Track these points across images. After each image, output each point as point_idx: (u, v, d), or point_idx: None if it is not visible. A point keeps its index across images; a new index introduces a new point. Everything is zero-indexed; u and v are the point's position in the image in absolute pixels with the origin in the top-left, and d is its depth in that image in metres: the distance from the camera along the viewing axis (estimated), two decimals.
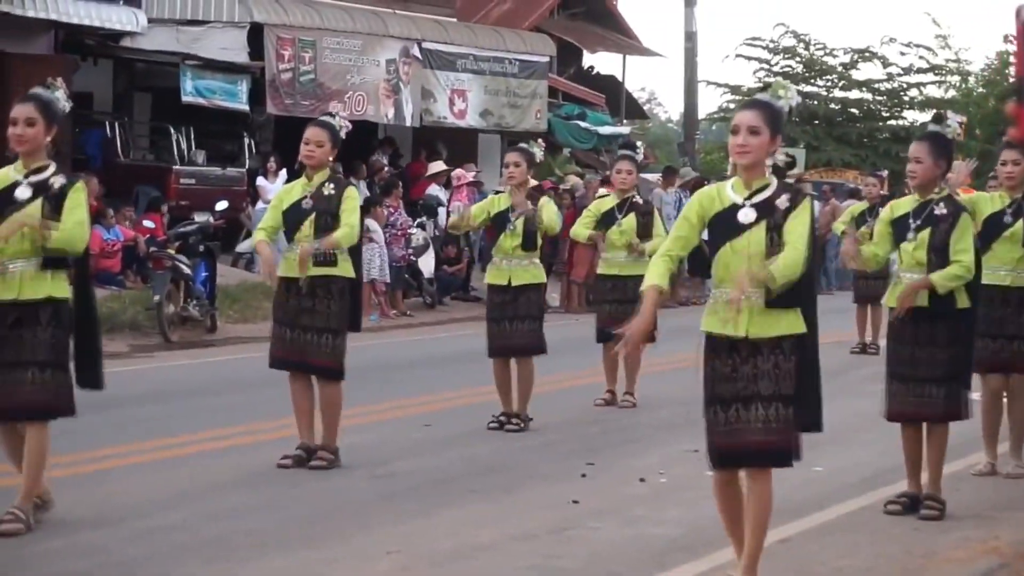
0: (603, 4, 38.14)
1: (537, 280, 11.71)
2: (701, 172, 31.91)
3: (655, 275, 6.66)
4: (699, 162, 36.98)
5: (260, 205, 23.31)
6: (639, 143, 16.93)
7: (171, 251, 18.45)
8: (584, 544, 7.97)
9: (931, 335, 8.48)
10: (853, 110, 42.64)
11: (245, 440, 11.01)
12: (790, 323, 6.61)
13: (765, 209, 6.60)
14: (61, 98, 8.41)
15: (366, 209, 23.55)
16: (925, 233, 8.48)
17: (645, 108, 44.26)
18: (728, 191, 6.71)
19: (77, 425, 8.34)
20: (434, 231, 23.83)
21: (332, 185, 9.86)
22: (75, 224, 7.91)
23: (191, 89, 23.84)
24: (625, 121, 37.43)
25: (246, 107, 24.72)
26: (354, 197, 9.89)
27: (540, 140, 12.60)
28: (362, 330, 10.61)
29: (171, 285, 17.99)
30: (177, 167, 24.04)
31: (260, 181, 24.32)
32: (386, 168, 26.58)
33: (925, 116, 41.93)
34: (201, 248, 18.90)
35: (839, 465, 10.11)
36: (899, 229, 8.59)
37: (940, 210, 8.51)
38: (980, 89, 42.33)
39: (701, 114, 40.89)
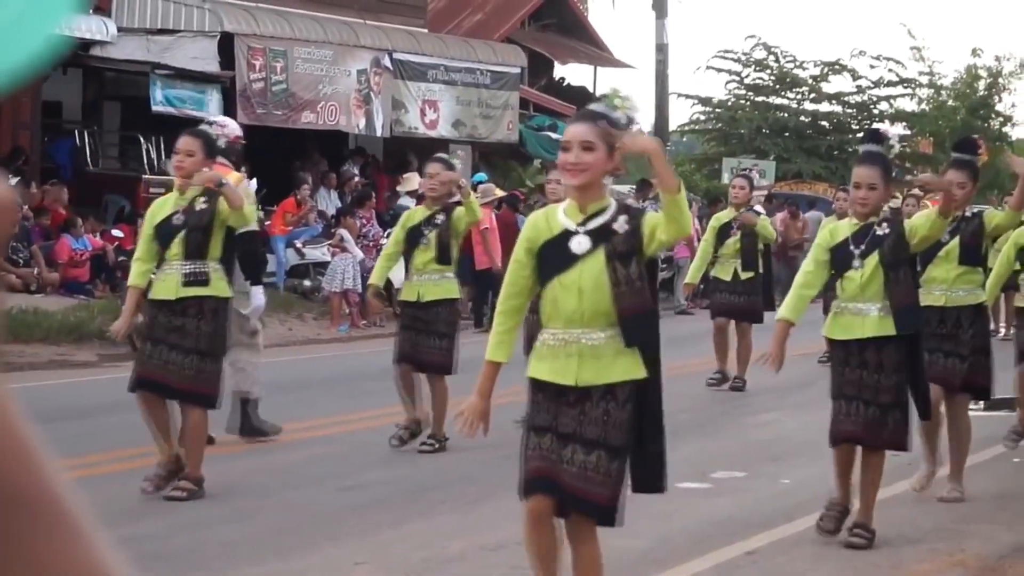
0: (574, 16, 38.24)
1: (449, 295, 11.17)
2: None
3: (494, 343, 5.93)
4: None
5: None
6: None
7: None
8: None
9: (879, 362, 8.12)
10: (823, 123, 42.77)
11: (215, 450, 10.98)
12: (627, 368, 5.85)
13: (602, 235, 5.85)
14: None
15: (338, 220, 23.64)
16: (873, 258, 8.11)
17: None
18: (559, 216, 5.93)
19: (41, 435, 8.30)
20: None
21: (205, 199, 9.26)
22: None
23: (161, 98, 23.79)
24: None
25: (216, 117, 24.67)
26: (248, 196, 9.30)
27: (460, 152, 12.50)
28: (323, 342, 10.52)
29: None
30: (147, 176, 23.96)
31: None
32: (356, 179, 26.58)
33: (895, 129, 42.12)
34: None
35: (806, 477, 10.15)
36: (840, 257, 8.20)
37: (882, 231, 8.18)
38: (951, 102, 42.52)
39: (672, 126, 40.99)
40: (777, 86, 42.10)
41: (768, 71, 42.16)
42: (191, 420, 9.24)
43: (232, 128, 11.74)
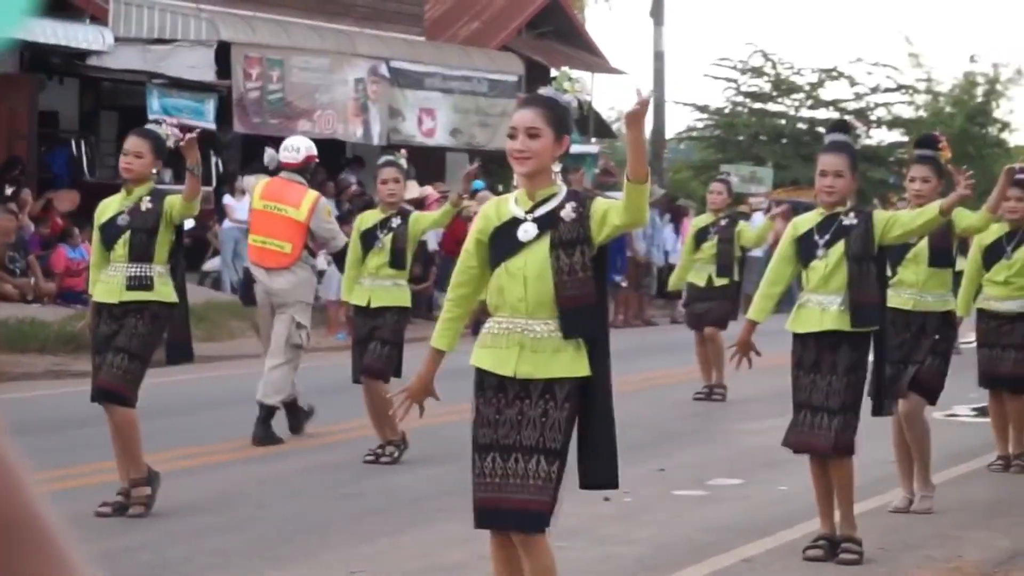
0: (571, 23, 38.22)
1: (399, 303, 10.84)
2: (669, 191, 31.99)
3: (439, 330, 5.92)
4: (667, 181, 37.06)
5: (227, 223, 23.28)
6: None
7: None
8: None
9: (833, 362, 7.86)
10: (820, 129, 42.78)
11: (211, 459, 10.97)
12: (569, 364, 5.68)
13: (548, 222, 5.73)
14: None
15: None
16: (839, 246, 7.87)
17: (613, 127, 44.30)
18: (510, 204, 5.83)
19: (37, 444, 8.32)
20: None
21: (150, 199, 8.96)
22: None
23: (158, 107, 23.77)
24: (593, 140, 37.47)
25: (213, 126, 24.67)
26: (173, 197, 8.98)
27: (403, 150, 11.78)
28: (320, 350, 10.49)
29: None
30: None
31: (227, 200, 24.28)
32: (354, 187, 26.57)
33: (892, 135, 42.17)
34: None
35: (803, 484, 10.09)
36: (805, 247, 7.98)
37: (849, 220, 7.94)
38: (948, 108, 42.54)
39: (669, 133, 41.00)
40: (774, 93, 42.12)
41: (765, 78, 42.18)
42: (116, 419, 8.84)
43: (306, 147, 12.07)
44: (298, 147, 12.11)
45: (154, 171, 9.04)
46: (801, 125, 42.14)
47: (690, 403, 14.56)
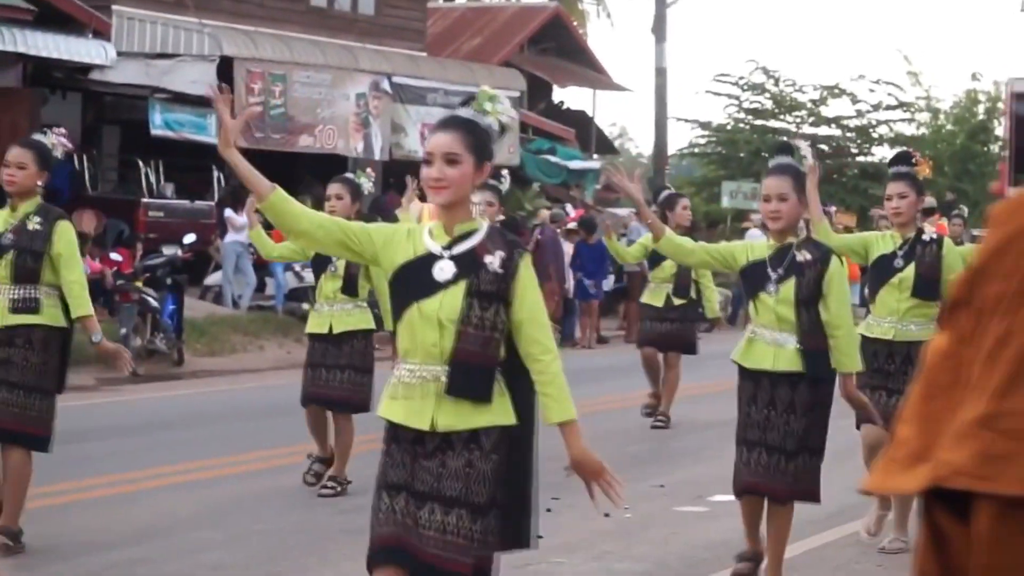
0: (573, 40, 38.27)
1: (362, 326, 10.24)
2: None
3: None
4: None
5: (229, 237, 23.28)
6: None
7: (138, 284, 18.42)
8: None
9: (791, 401, 7.32)
10: (822, 146, 42.82)
11: (210, 474, 10.96)
12: (495, 412, 5.11)
13: (467, 264, 5.09)
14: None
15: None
16: (789, 285, 7.31)
17: (615, 143, 44.38)
18: (425, 237, 5.18)
19: (37, 458, 8.27)
20: None
21: (39, 219, 8.23)
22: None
23: (160, 122, 23.82)
24: (595, 156, 37.52)
25: (215, 140, 24.65)
26: (68, 233, 8.25)
27: (369, 170, 10.98)
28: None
29: (138, 318, 17.96)
30: (146, 200, 24.02)
31: (228, 214, 24.30)
32: None
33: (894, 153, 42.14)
34: (169, 281, 18.88)
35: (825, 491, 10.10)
36: (754, 277, 7.43)
37: (803, 256, 7.35)
38: (949, 126, 42.57)
39: (671, 149, 41.05)
40: (776, 110, 42.16)
41: (767, 95, 42.22)
42: (10, 462, 8.12)
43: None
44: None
45: (39, 184, 8.28)
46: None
47: (691, 420, 14.53)
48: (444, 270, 5.07)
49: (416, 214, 11.91)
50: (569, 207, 29.34)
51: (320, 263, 10.27)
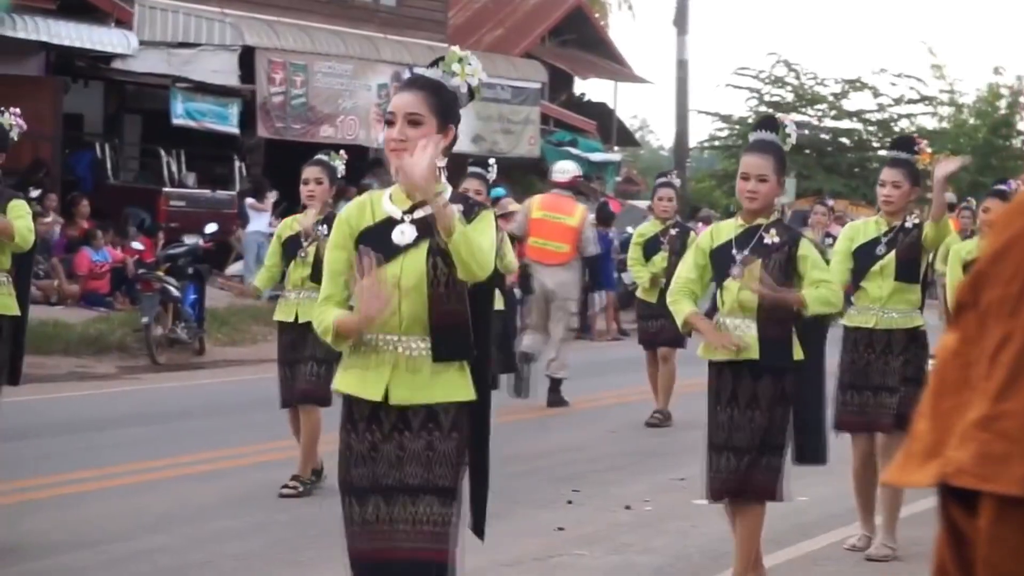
0: (594, 31, 38.25)
1: None
2: (691, 199, 31.99)
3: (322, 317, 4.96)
4: (690, 190, 37.06)
5: (250, 227, 23.32)
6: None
7: (160, 273, 18.47)
8: (571, 571, 7.97)
9: (753, 394, 6.94)
10: (844, 140, 42.75)
11: (232, 463, 10.99)
12: (453, 386, 4.86)
13: (429, 226, 4.82)
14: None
15: None
16: (755, 267, 6.87)
17: (636, 135, 44.32)
18: (384, 202, 4.96)
19: (60, 446, 8.32)
20: None
21: None
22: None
23: (181, 112, 23.87)
24: (616, 148, 37.49)
25: (236, 130, 24.75)
26: (18, 208, 7.93)
27: (342, 152, 10.38)
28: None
29: (159, 307, 17.99)
30: (167, 189, 24.07)
31: (249, 202, 24.36)
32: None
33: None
34: (190, 270, 18.92)
35: (823, 495, 10.10)
36: (719, 261, 7.01)
37: (771, 238, 6.96)
38: (972, 120, 42.46)
39: (692, 142, 40.98)
40: (797, 103, 42.08)
41: (788, 88, 42.15)
42: None
43: (573, 169, 14.55)
44: (566, 169, 14.76)
45: None
46: (824, 135, 42.10)
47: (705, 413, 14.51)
48: (405, 233, 4.86)
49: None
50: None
51: (290, 249, 9.74)
